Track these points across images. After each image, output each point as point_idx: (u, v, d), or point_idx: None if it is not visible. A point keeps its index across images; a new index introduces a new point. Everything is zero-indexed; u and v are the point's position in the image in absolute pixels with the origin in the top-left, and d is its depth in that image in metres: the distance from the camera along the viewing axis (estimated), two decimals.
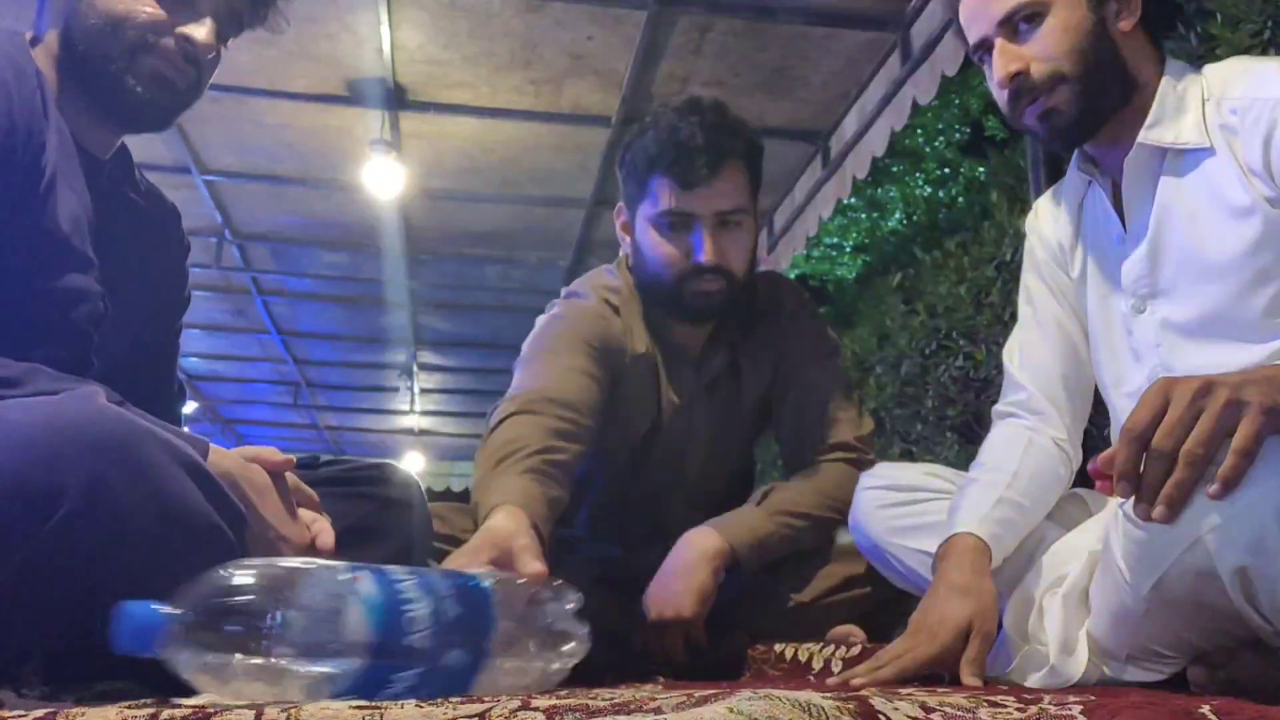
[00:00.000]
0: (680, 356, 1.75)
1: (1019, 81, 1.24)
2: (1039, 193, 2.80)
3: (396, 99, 4.10)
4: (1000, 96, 1.28)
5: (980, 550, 1.26)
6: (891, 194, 8.37)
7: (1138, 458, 0.90)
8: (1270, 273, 1.14)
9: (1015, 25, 1.24)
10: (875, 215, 8.50)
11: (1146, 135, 1.21)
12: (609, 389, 1.64)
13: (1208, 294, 1.18)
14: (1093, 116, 1.24)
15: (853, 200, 6.89)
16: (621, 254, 1.80)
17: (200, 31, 1.17)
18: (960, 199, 7.98)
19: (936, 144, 8.22)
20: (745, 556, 1.58)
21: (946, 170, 8.33)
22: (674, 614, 1.52)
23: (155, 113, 1.20)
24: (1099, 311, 1.33)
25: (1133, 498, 0.92)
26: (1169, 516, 0.89)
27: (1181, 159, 1.21)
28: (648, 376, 1.72)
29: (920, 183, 8.34)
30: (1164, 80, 1.23)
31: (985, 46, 1.27)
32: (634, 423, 1.72)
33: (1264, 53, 2.24)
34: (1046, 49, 1.22)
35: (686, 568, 1.55)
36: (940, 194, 8.24)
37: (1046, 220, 1.43)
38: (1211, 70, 1.23)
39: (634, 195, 1.68)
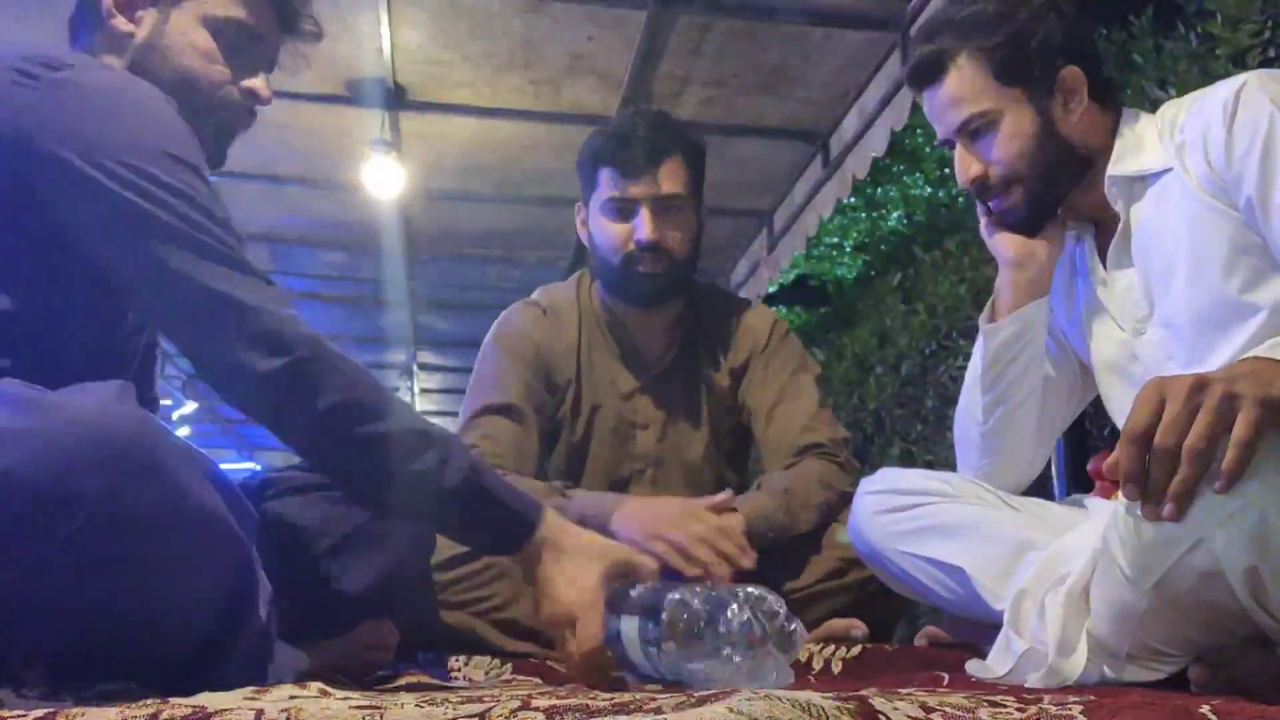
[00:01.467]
0: (631, 349, 1.89)
1: (978, 185, 1.38)
2: None
3: (396, 99, 4.10)
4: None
5: None
6: (891, 194, 8.35)
7: (1141, 459, 0.91)
8: (1236, 256, 1.22)
9: (970, 133, 1.36)
10: (875, 215, 8.48)
11: (1113, 169, 1.33)
12: (547, 386, 1.84)
13: (1194, 295, 1.25)
14: (1047, 206, 1.38)
15: (853, 200, 6.88)
16: (575, 275, 1.98)
17: (264, 88, 1.24)
18: (960, 199, 7.97)
19: (937, 144, 8.20)
20: (755, 527, 1.63)
21: (946, 170, 8.31)
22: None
23: (217, 158, 1.25)
24: (1100, 348, 1.41)
25: (1139, 499, 0.92)
26: (1178, 514, 0.90)
27: (1147, 184, 1.31)
28: (583, 368, 1.86)
29: (920, 183, 8.32)
30: (1122, 125, 1.35)
31: (949, 144, 1.41)
32: (576, 407, 1.86)
33: (1264, 52, 2.24)
34: (999, 155, 1.35)
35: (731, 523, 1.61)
36: (940, 194, 8.22)
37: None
38: (1164, 108, 1.34)
39: (587, 190, 1.84)
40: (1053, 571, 1.21)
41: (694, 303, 1.92)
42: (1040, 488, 1.50)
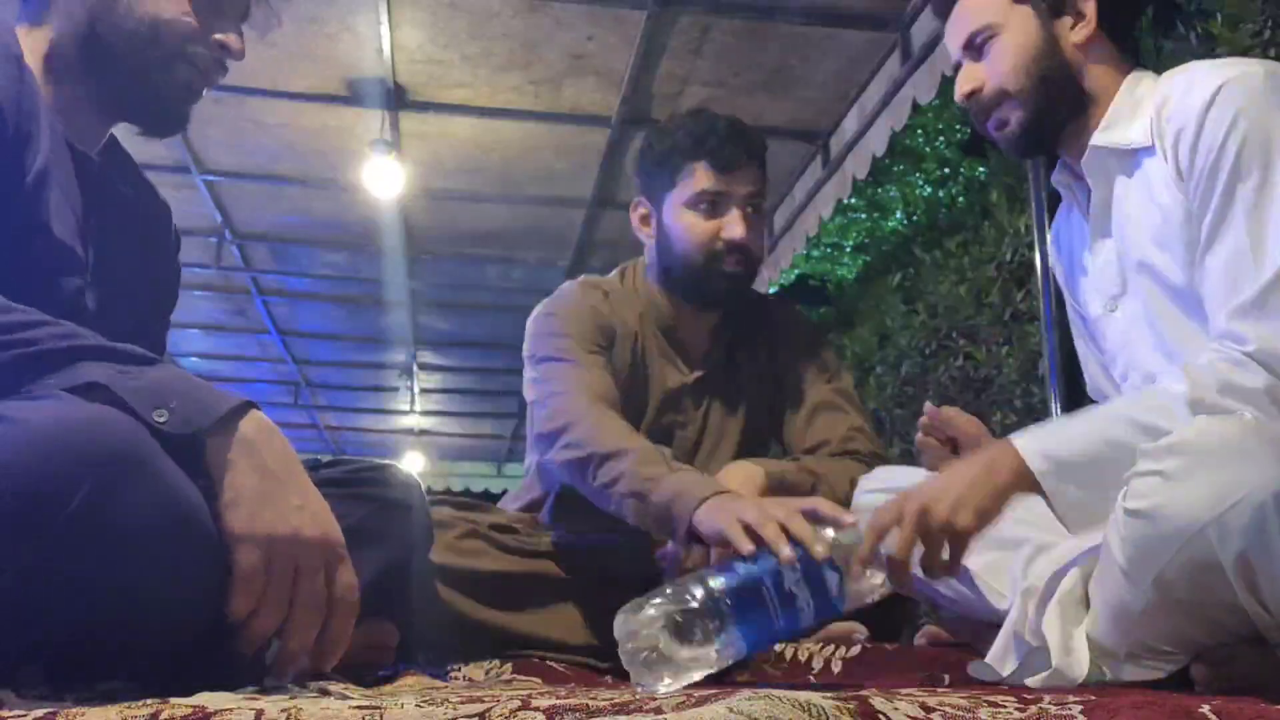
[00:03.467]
0: (679, 347, 1.86)
1: (973, 100, 1.36)
2: (1039, 193, 2.82)
3: (396, 99, 4.10)
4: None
5: None
6: (891, 194, 8.36)
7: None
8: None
9: (976, 47, 1.35)
10: (875, 215, 8.49)
11: (1098, 137, 1.30)
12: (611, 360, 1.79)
13: (1164, 282, 1.24)
14: (1041, 128, 1.34)
15: (853, 200, 6.87)
16: (617, 270, 1.92)
17: (235, 42, 1.22)
18: (960, 199, 7.97)
19: (936, 144, 8.20)
20: (773, 486, 1.60)
21: (946, 170, 8.31)
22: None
23: (179, 117, 1.23)
24: (1077, 318, 1.44)
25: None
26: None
27: (1132, 159, 1.28)
28: (638, 359, 1.82)
29: (920, 183, 8.33)
30: (1124, 85, 1.31)
31: (958, 68, 1.40)
32: (627, 395, 1.79)
33: (1264, 53, 2.24)
34: (996, 68, 1.34)
35: (749, 478, 1.60)
36: (940, 194, 8.22)
37: (1054, 241, 1.53)
38: (1168, 75, 1.28)
39: (663, 184, 1.80)
40: (1053, 571, 1.21)
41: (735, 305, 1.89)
42: None
